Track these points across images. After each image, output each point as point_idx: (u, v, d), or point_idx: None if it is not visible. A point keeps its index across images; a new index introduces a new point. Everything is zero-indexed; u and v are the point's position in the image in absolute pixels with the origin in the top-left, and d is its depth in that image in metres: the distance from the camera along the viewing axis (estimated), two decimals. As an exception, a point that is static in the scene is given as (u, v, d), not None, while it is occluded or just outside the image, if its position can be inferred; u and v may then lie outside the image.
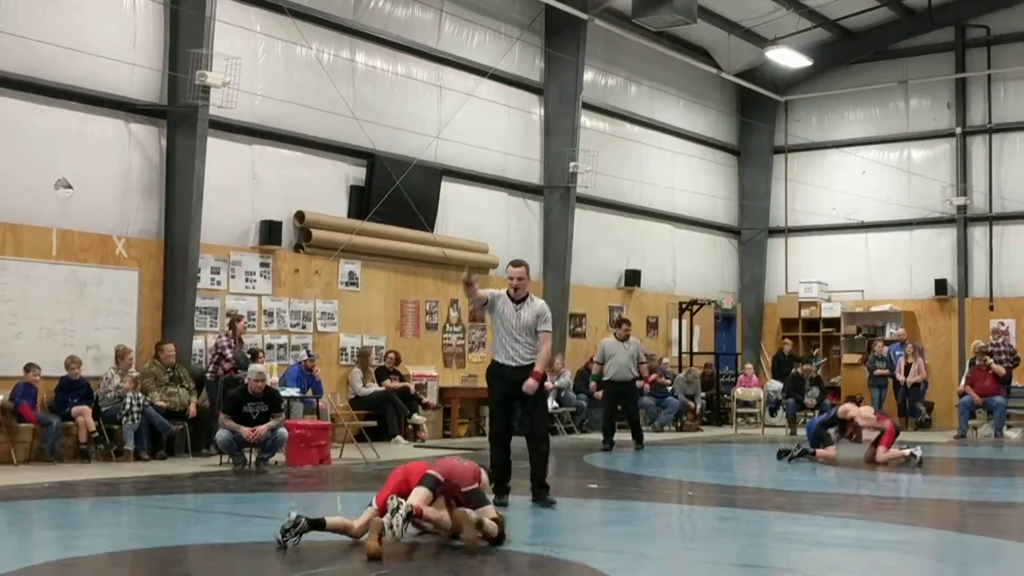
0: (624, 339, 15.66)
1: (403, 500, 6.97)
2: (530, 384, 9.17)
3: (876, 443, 13.63)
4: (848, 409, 13.86)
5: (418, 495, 7.21)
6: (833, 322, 23.81)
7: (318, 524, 7.13)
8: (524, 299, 9.39)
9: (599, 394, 16.09)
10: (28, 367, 12.55)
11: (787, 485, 11.74)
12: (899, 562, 7.19)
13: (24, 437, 12.82)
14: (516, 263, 9.53)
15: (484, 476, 7.81)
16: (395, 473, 7.55)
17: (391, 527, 6.80)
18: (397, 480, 7.43)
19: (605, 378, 15.57)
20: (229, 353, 13.92)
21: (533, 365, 9.27)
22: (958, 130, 23.09)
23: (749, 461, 15.49)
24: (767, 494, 11.06)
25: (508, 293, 9.42)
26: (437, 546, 7.10)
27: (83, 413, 12.77)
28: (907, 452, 13.39)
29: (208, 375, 14.06)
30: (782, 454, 13.84)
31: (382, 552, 6.66)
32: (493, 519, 7.24)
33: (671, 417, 20.09)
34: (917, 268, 23.38)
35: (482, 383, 18.45)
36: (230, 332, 14.20)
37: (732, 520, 9.11)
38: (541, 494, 9.23)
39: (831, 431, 13.77)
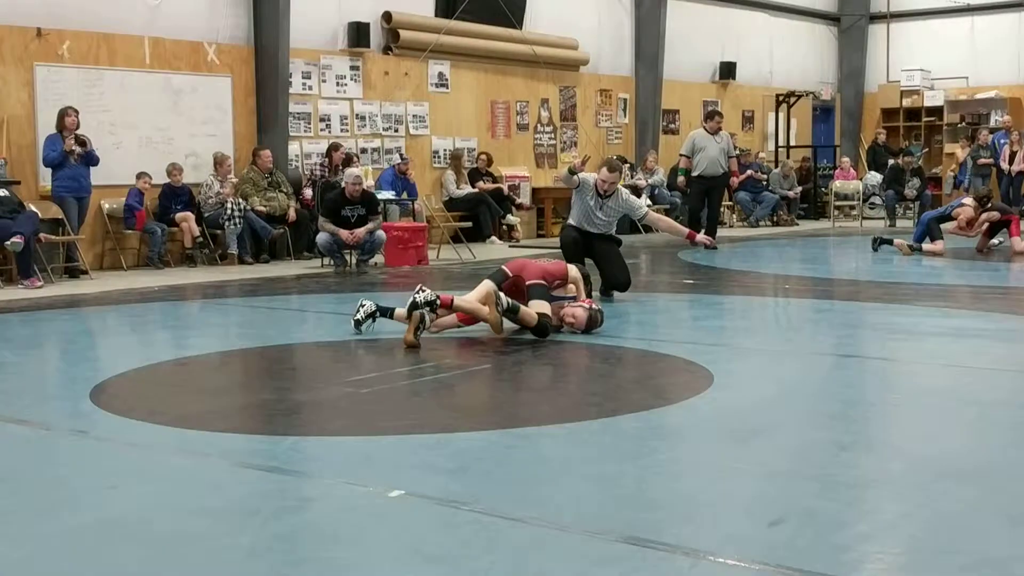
0: (715, 132, 15.07)
1: (427, 291, 7.22)
2: (706, 239, 9.75)
3: (988, 233, 13.52)
4: (961, 211, 13.64)
5: (481, 288, 7.45)
6: (935, 111, 23.11)
7: (387, 312, 7.59)
8: (610, 195, 9.38)
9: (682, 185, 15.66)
10: (140, 175, 12.82)
11: (885, 277, 11.66)
12: (1000, 350, 7.14)
13: (132, 244, 13.25)
14: (612, 167, 9.34)
15: (574, 273, 7.88)
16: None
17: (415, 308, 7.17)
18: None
19: (694, 173, 15.02)
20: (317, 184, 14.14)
21: (610, 235, 9.47)
22: (1076, -102, 21.70)
23: (846, 254, 15.35)
24: (864, 286, 11.00)
25: (596, 190, 9.35)
26: (533, 342, 7.24)
27: (187, 219, 13.09)
28: None
29: (300, 195, 14.26)
30: (877, 243, 13.78)
31: (413, 343, 6.94)
32: (564, 314, 7.47)
33: (767, 212, 19.93)
34: (1026, 52, 22.39)
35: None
36: (326, 161, 14.33)
37: (829, 312, 9.11)
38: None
39: (943, 226, 13.61)
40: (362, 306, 7.68)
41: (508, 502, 3.87)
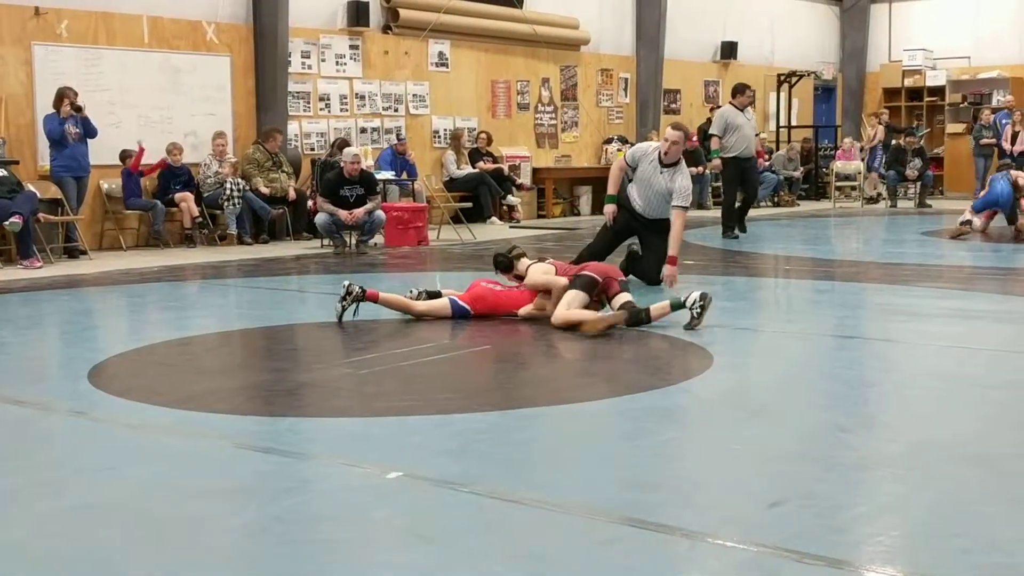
0: (744, 108, 13.70)
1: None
2: (670, 273, 8.78)
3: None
4: (1019, 176, 13.48)
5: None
6: (937, 91, 23.01)
7: (373, 297, 7.36)
8: (675, 164, 8.99)
9: (707, 169, 14.31)
10: (125, 154, 12.73)
11: (886, 258, 11.65)
12: (999, 331, 7.13)
13: (131, 223, 13.22)
14: (677, 126, 9.03)
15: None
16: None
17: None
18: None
19: (730, 154, 13.51)
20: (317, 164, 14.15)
21: (664, 220, 9.03)
22: None
23: (848, 235, 15.33)
24: (865, 267, 10.98)
25: (659, 155, 8.97)
26: (532, 324, 7.22)
27: (186, 199, 13.05)
28: None
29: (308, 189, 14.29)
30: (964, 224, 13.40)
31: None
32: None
33: (768, 192, 19.88)
34: (1029, 32, 22.27)
35: (576, 163, 18.53)
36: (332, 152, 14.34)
37: (830, 293, 9.09)
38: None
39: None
40: (349, 292, 7.31)
41: (507, 483, 3.86)
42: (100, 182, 12.77)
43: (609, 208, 9.26)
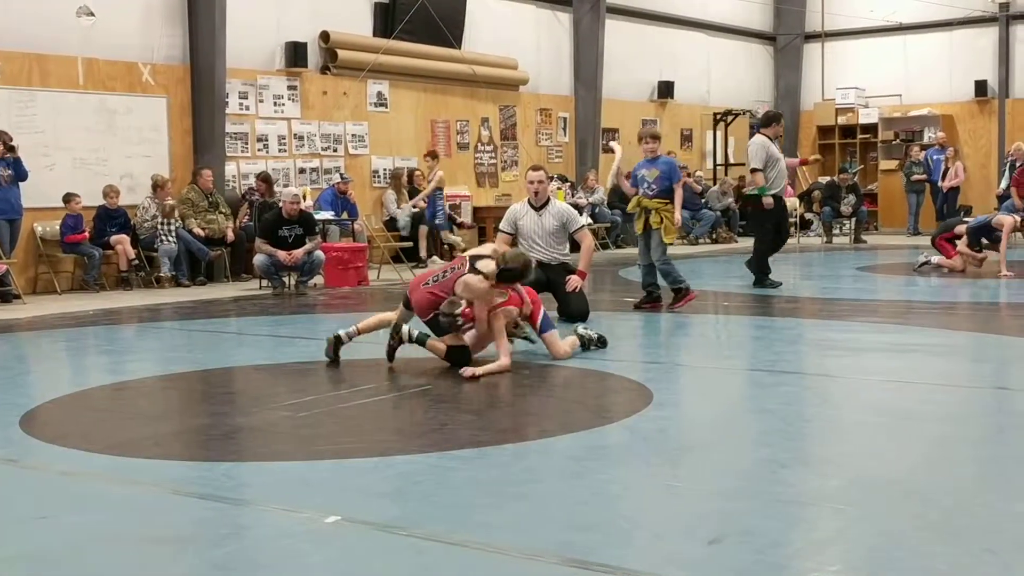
0: (776, 138, 12.44)
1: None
2: (575, 281, 9.18)
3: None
4: (1003, 220, 13.68)
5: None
6: (870, 128, 23.46)
7: (350, 335, 7.43)
8: (545, 204, 9.37)
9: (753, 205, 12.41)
10: (68, 197, 12.59)
11: (824, 293, 11.78)
12: (936, 364, 7.23)
13: (66, 267, 13.04)
14: (535, 167, 9.54)
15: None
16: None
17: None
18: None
19: (774, 191, 12.01)
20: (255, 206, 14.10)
21: (566, 264, 9.36)
22: (1003, -79, 22.18)
23: (785, 271, 15.47)
24: (803, 303, 11.10)
25: (528, 201, 9.39)
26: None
27: (122, 242, 12.91)
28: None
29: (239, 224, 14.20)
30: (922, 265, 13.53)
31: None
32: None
33: (706, 229, 20.08)
34: (957, 70, 22.79)
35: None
36: (263, 187, 14.26)
37: (768, 329, 9.17)
38: None
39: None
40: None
41: (446, 526, 3.83)
42: (34, 225, 12.61)
43: None
